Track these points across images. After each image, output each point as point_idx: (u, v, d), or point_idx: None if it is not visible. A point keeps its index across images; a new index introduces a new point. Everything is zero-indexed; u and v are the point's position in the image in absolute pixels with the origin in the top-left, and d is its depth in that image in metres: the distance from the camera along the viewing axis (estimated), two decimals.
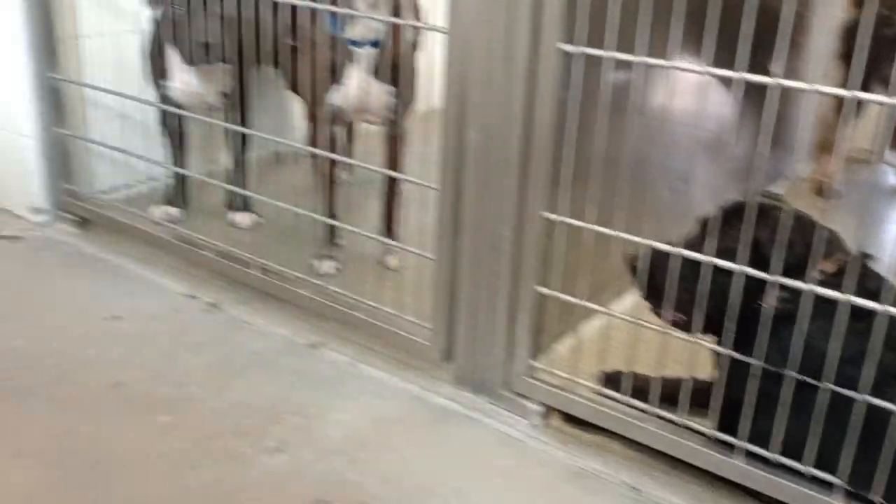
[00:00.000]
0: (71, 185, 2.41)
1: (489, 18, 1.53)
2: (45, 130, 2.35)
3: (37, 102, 2.33)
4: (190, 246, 2.20)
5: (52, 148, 2.37)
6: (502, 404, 1.73)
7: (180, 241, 2.22)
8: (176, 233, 2.25)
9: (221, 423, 1.65)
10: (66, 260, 2.28)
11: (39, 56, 2.28)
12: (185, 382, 1.77)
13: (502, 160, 1.59)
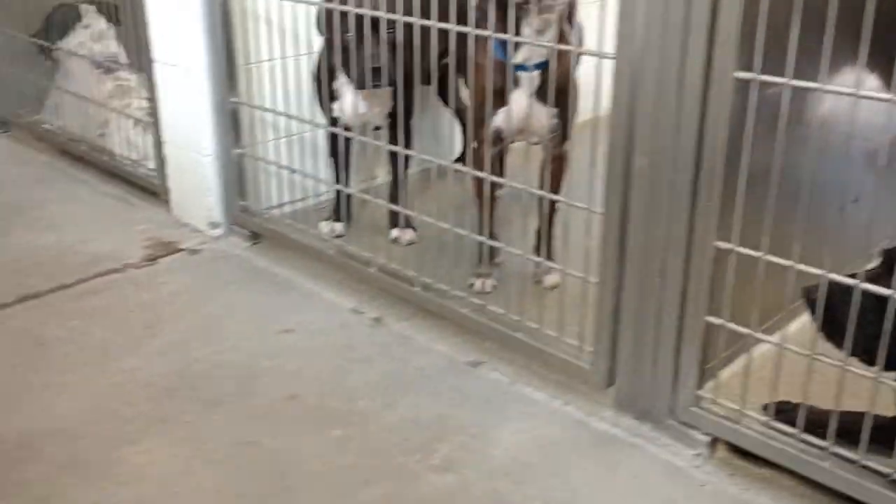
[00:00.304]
0: (244, 202, 2.55)
1: (661, 44, 1.52)
2: (223, 151, 2.51)
3: (217, 125, 2.48)
4: (354, 262, 2.29)
5: (229, 167, 2.52)
6: (667, 433, 1.71)
7: (345, 256, 2.31)
8: (341, 248, 2.34)
9: (390, 439, 1.71)
10: (241, 273, 2.42)
11: (220, 82, 2.42)
12: (354, 397, 1.85)
13: (671, 186, 1.58)
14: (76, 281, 2.33)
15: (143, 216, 2.75)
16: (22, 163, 3.20)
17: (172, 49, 2.49)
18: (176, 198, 2.71)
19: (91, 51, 3.10)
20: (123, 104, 2.96)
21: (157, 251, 2.51)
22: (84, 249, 2.52)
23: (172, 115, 2.59)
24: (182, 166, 2.63)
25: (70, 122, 3.15)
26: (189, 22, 2.38)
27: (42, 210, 2.79)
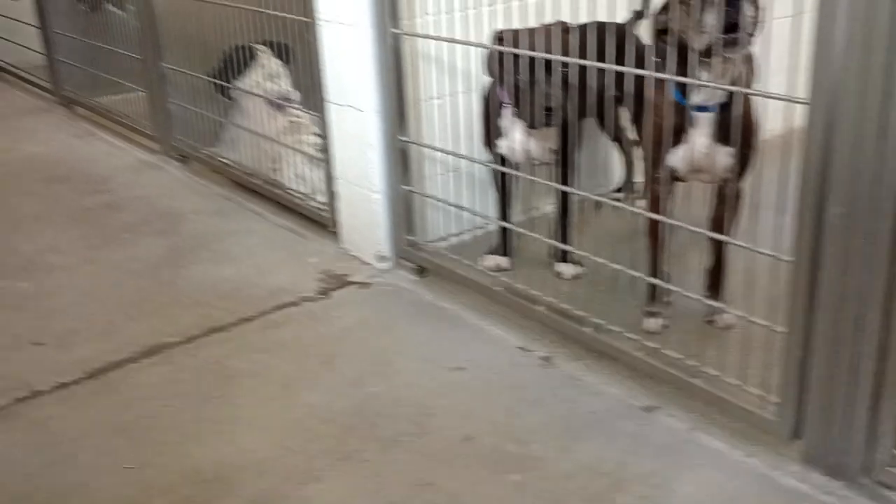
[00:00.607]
0: (411, 236, 2.62)
1: (860, 89, 1.45)
2: (392, 187, 2.58)
3: (386, 162, 2.56)
4: (519, 298, 2.30)
5: (397, 202, 2.59)
6: (861, 492, 1.62)
7: (510, 292, 2.33)
8: (505, 284, 2.36)
9: (567, 487, 1.71)
10: (409, 307, 2.48)
11: (390, 121, 2.50)
12: (528, 440, 1.86)
13: (870, 235, 1.50)
14: (257, 314, 2.45)
15: (314, 248, 2.86)
16: (201, 194, 3.40)
17: (344, 90, 2.58)
18: (345, 231, 2.80)
19: (265, 89, 3.27)
20: (295, 140, 3.10)
21: (329, 284, 2.61)
22: (262, 282, 2.65)
23: (343, 153, 2.69)
24: (352, 201, 2.72)
25: (245, 157, 3.32)
26: (361, 64, 2.47)
27: (221, 242, 2.95)
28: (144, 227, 3.10)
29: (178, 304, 2.53)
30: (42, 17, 4.72)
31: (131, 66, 3.88)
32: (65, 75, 4.66)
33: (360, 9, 2.41)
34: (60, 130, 4.33)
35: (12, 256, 2.89)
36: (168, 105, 3.66)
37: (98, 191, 3.47)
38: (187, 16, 3.39)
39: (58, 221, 3.20)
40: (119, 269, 2.77)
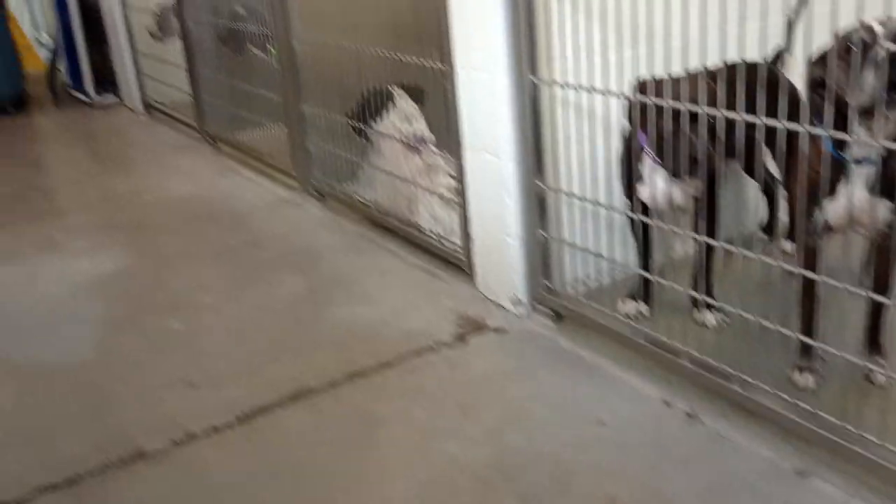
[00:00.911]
0: (547, 281, 2.61)
1: None
2: (528, 232, 2.58)
3: (523, 208, 2.56)
4: (659, 349, 2.25)
5: (533, 248, 2.58)
6: None
7: (651, 342, 2.28)
8: (644, 333, 2.31)
9: None
10: (545, 354, 2.46)
11: (527, 167, 2.50)
12: None
13: None
14: (396, 358, 2.49)
15: (449, 290, 2.89)
16: (338, 232, 3.50)
17: (481, 136, 2.60)
18: (480, 274, 2.82)
19: (400, 131, 3.34)
20: (430, 181, 3.15)
21: (465, 329, 2.63)
22: (399, 324, 2.69)
23: (479, 197, 2.71)
24: (487, 245, 2.73)
25: (381, 196, 3.39)
26: (498, 111, 2.48)
27: (358, 281, 3.02)
28: (285, 265, 3.21)
29: (320, 346, 2.60)
30: (189, 59, 4.99)
31: (272, 105, 4.05)
32: (209, 113, 4.90)
33: (498, 57, 2.42)
34: (205, 167, 4.55)
35: (163, 294, 3.05)
36: (307, 144, 3.79)
37: (240, 228, 3.63)
38: (327, 60, 3.50)
39: (204, 259, 3.35)
40: (262, 309, 2.88)
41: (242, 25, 4.45)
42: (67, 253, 3.55)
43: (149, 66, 5.74)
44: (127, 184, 4.39)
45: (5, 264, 3.49)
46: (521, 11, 2.35)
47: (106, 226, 3.83)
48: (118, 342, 2.75)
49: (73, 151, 5.30)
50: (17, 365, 2.67)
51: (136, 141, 5.27)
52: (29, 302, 3.12)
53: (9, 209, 4.15)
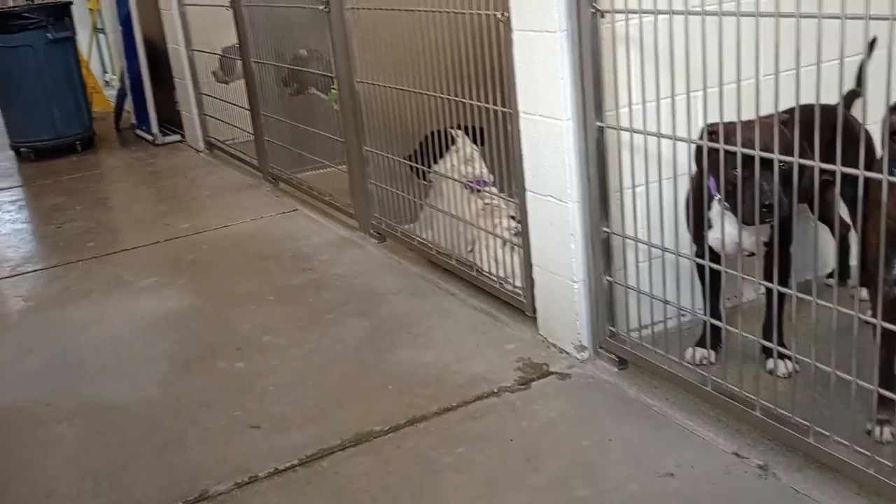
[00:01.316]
0: (611, 326, 2.57)
1: None
2: (593, 277, 2.55)
3: (587, 252, 2.54)
4: (730, 398, 2.19)
5: (598, 292, 2.55)
6: None
7: (719, 390, 2.22)
8: (713, 381, 2.25)
9: None
10: (612, 402, 2.42)
11: (592, 211, 2.48)
12: None
13: None
14: (458, 404, 2.47)
15: (511, 334, 2.87)
16: (398, 273, 3.51)
17: (544, 180, 2.59)
18: (542, 318, 2.80)
19: (460, 172, 3.35)
20: (491, 223, 3.15)
21: (528, 374, 2.60)
22: (461, 368, 2.68)
23: (542, 240, 2.70)
24: (550, 289, 2.72)
25: (441, 237, 3.40)
26: (563, 156, 2.48)
27: (420, 324, 3.02)
28: (346, 306, 3.23)
29: (382, 390, 2.60)
30: (252, 99, 5.09)
31: (332, 146, 4.10)
32: (270, 153, 4.98)
33: (563, 103, 2.42)
34: (267, 206, 4.62)
35: (229, 335, 3.09)
36: (367, 185, 3.82)
37: (303, 268, 3.66)
38: (388, 101, 3.54)
39: (267, 299, 3.39)
40: (325, 351, 2.89)
41: (304, 68, 4.53)
42: (134, 291, 3.63)
43: (211, 106, 5.87)
44: (191, 222, 4.48)
45: (76, 301, 3.57)
46: (587, 57, 2.35)
47: (171, 264, 3.91)
48: (184, 382, 2.78)
49: (138, 190, 5.44)
50: (85, 403, 2.72)
51: (199, 180, 5.38)
52: (97, 339, 3.18)
53: (80, 246, 4.26)
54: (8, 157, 6.57)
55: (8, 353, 3.15)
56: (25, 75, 6.20)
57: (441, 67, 3.19)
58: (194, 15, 5.70)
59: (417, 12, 3.17)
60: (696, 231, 2.39)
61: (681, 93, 2.20)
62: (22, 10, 6.48)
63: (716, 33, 1.97)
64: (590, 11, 2.29)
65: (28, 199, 5.44)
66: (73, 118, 6.46)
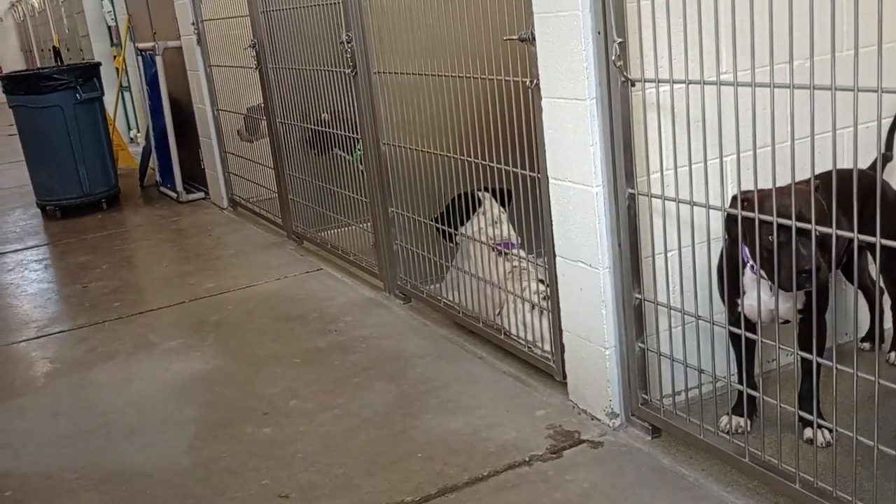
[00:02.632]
0: (643, 393, 2.54)
1: None
2: (624, 343, 2.53)
3: (618, 318, 2.52)
4: (767, 470, 2.15)
5: (630, 359, 2.53)
6: None
7: (755, 461, 2.18)
8: (749, 451, 2.21)
9: None
10: (644, 471, 2.38)
11: (623, 277, 2.47)
12: None
13: None
14: (489, 473, 2.44)
15: (540, 399, 2.84)
16: (424, 335, 3.50)
17: (574, 246, 2.59)
18: (573, 384, 2.77)
19: (487, 234, 3.35)
20: (519, 287, 3.14)
21: (560, 441, 2.57)
22: (491, 435, 2.65)
23: (571, 306, 2.68)
24: (580, 354, 2.69)
25: (467, 299, 3.39)
26: (593, 222, 2.48)
27: (448, 389, 3.00)
28: (373, 370, 3.21)
29: (412, 458, 2.57)
30: (276, 159, 5.14)
31: (357, 205, 4.13)
32: (294, 211, 5.02)
33: (594, 169, 2.43)
34: (291, 265, 4.64)
35: (256, 399, 3.07)
36: (393, 245, 3.83)
37: (328, 330, 3.66)
38: (414, 163, 3.57)
39: (293, 362, 3.38)
40: (353, 417, 2.87)
41: (328, 129, 4.58)
42: (160, 352, 3.63)
43: (236, 164, 5.94)
44: (215, 281, 4.49)
45: (102, 363, 3.58)
46: (617, 124, 2.36)
47: (196, 325, 3.91)
48: (211, 448, 2.76)
49: (163, 248, 5.47)
50: (112, 469, 2.70)
51: (223, 238, 5.42)
52: (124, 402, 3.18)
53: (106, 307, 4.28)
54: (34, 214, 6.66)
55: (36, 418, 3.14)
56: (54, 135, 6.32)
57: (467, 131, 3.22)
58: (220, 76, 5.80)
59: (444, 77, 3.21)
60: (730, 298, 2.37)
61: (713, 158, 2.21)
62: (52, 71, 6.62)
63: (748, 100, 1.97)
64: (620, 80, 2.31)
65: (54, 257, 5.49)
66: (100, 176, 6.56)
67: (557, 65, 2.46)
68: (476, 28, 2.93)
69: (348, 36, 3.66)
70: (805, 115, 1.84)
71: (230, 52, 5.48)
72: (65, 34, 11.55)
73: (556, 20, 2.42)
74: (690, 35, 2.15)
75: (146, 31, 7.15)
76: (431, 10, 3.24)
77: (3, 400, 3.33)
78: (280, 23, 4.61)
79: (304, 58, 4.45)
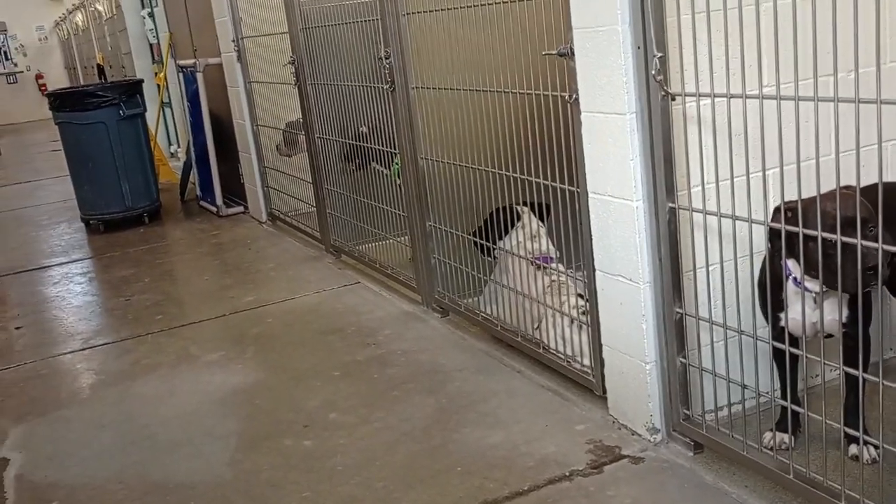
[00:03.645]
0: (684, 408, 2.52)
1: None
2: (665, 358, 2.52)
3: (659, 333, 2.51)
4: (812, 486, 2.12)
5: (671, 374, 2.51)
6: None
7: (800, 478, 2.15)
8: (793, 468, 2.18)
9: None
10: (687, 488, 2.36)
11: (664, 292, 2.46)
12: None
13: None
14: (529, 488, 2.43)
15: (580, 414, 2.83)
16: (462, 349, 3.50)
17: (614, 261, 2.58)
18: (613, 398, 2.76)
19: (526, 248, 3.35)
20: (558, 301, 3.13)
21: (600, 457, 2.56)
22: (530, 450, 2.64)
23: (611, 320, 2.67)
24: (620, 369, 2.68)
25: (506, 313, 3.39)
26: (634, 237, 2.47)
27: (486, 403, 3.00)
28: (412, 383, 3.22)
29: (451, 472, 2.57)
30: (314, 173, 5.20)
31: (394, 219, 4.15)
32: (332, 225, 5.06)
33: (634, 183, 2.43)
34: (329, 278, 4.67)
35: (296, 412, 3.10)
36: (430, 259, 3.85)
37: (367, 343, 3.68)
38: (452, 177, 3.58)
39: (333, 375, 3.40)
40: (392, 430, 2.88)
41: (367, 143, 4.62)
42: (202, 365, 3.68)
43: (274, 178, 6.01)
44: (255, 295, 4.54)
45: (145, 376, 3.63)
46: (657, 138, 2.35)
47: (237, 338, 3.96)
48: (253, 460, 2.79)
49: (203, 261, 5.54)
50: (156, 481, 2.74)
51: (263, 252, 5.48)
52: (167, 415, 3.22)
53: (148, 319, 4.35)
54: (78, 228, 6.79)
55: (83, 429, 3.20)
56: (99, 151, 6.44)
57: (505, 145, 3.23)
58: (259, 92, 5.88)
59: (482, 92, 3.23)
60: (773, 313, 2.34)
61: (755, 171, 2.19)
62: (96, 88, 6.76)
63: (789, 112, 1.96)
64: (660, 94, 2.31)
65: (98, 270, 5.59)
66: (142, 191, 6.67)
67: (597, 79, 2.46)
68: (514, 44, 2.95)
69: (387, 52, 3.70)
70: (849, 127, 1.82)
71: (269, 68, 5.56)
72: (108, 52, 11.79)
73: (595, 35, 2.42)
74: (731, 48, 2.14)
75: (187, 48, 7.28)
76: (469, 27, 3.26)
77: (49, 411, 3.39)
78: (319, 39, 4.67)
79: (343, 73, 4.50)
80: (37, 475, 2.88)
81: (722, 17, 2.16)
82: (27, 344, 4.24)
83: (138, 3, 9.46)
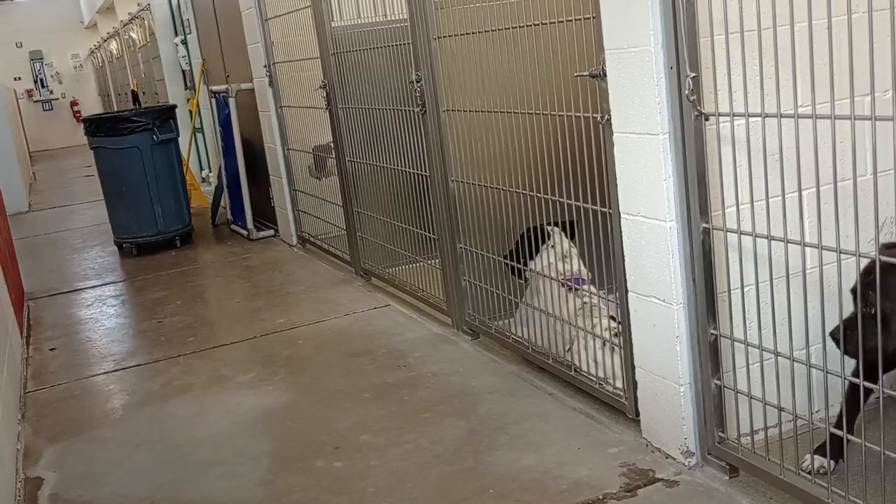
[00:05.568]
0: (720, 431, 2.49)
1: None
2: (700, 380, 2.49)
3: (693, 354, 2.49)
4: None
5: (706, 396, 2.48)
6: None
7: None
8: (835, 494, 2.15)
9: None
10: None
11: (698, 313, 2.44)
12: None
13: None
14: None
15: (612, 437, 2.81)
16: (493, 372, 3.49)
17: (648, 282, 2.57)
18: (646, 421, 2.73)
19: (557, 269, 3.34)
20: (590, 323, 3.11)
21: (634, 480, 2.53)
22: (563, 473, 2.62)
23: (645, 342, 2.65)
24: (653, 391, 2.65)
25: (537, 335, 3.38)
26: (667, 258, 2.46)
27: (518, 425, 2.98)
28: (443, 405, 3.21)
29: (484, 494, 2.56)
30: (345, 196, 5.23)
31: (424, 241, 4.16)
32: (362, 248, 5.08)
33: (667, 204, 2.42)
34: (360, 301, 4.69)
35: (327, 434, 3.10)
36: (461, 281, 3.85)
37: (397, 366, 3.68)
38: (483, 200, 3.59)
39: (364, 398, 3.40)
40: (424, 452, 2.87)
41: None
42: (233, 386, 3.69)
43: (305, 201, 6.05)
44: (286, 317, 4.57)
45: (178, 397, 3.65)
46: (690, 158, 2.34)
47: (268, 360, 3.97)
48: (285, 481, 2.79)
49: (234, 284, 5.59)
50: (189, 501, 2.75)
51: (293, 274, 5.51)
52: (199, 435, 3.23)
53: (180, 341, 4.38)
54: (111, 251, 6.87)
55: (116, 449, 3.22)
56: (132, 175, 6.54)
57: (536, 167, 3.24)
58: (290, 116, 5.95)
59: (513, 114, 3.24)
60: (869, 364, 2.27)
61: (791, 191, 2.17)
62: (131, 113, 6.87)
63: (825, 132, 1.94)
64: (693, 115, 2.30)
65: (130, 293, 5.65)
66: (175, 215, 6.74)
67: (629, 100, 2.46)
68: (545, 65, 2.96)
69: (418, 75, 3.73)
70: (887, 146, 1.81)
71: (300, 93, 5.62)
72: (141, 78, 11.99)
73: (627, 56, 2.43)
74: (766, 67, 2.13)
75: (219, 74, 7.39)
76: (500, 49, 3.28)
77: (84, 431, 3.42)
78: (350, 64, 4.72)
79: (374, 97, 4.54)
80: (71, 494, 2.90)
81: (756, 37, 2.15)
82: (61, 365, 4.28)
83: (172, 31, 9.63)
